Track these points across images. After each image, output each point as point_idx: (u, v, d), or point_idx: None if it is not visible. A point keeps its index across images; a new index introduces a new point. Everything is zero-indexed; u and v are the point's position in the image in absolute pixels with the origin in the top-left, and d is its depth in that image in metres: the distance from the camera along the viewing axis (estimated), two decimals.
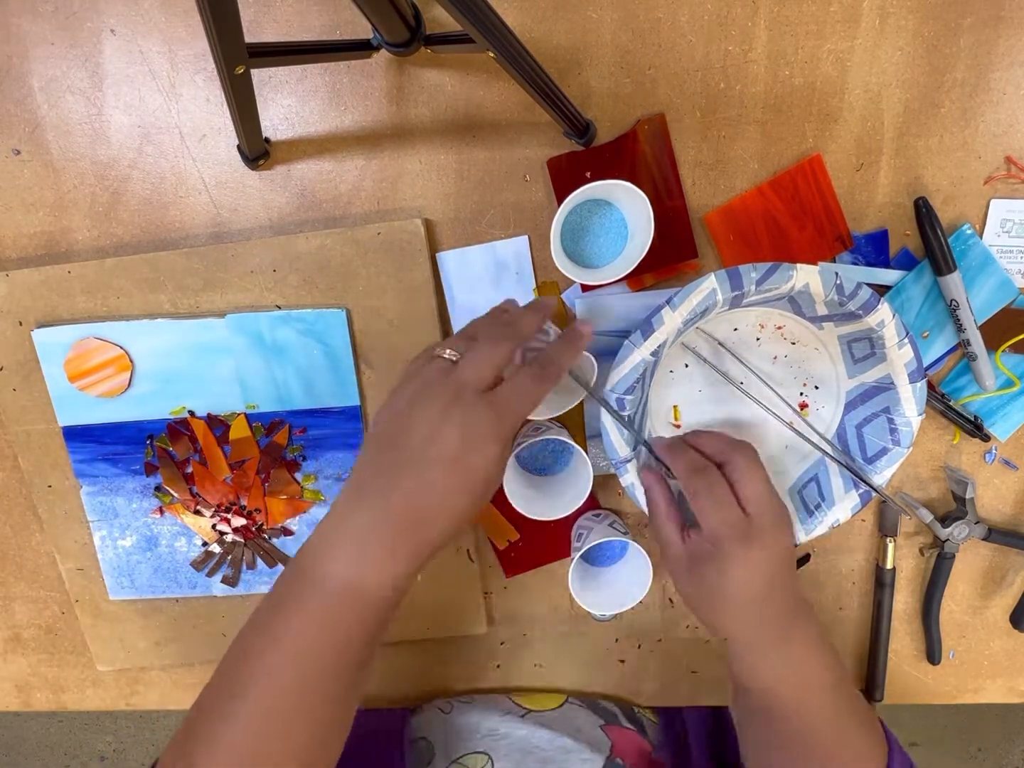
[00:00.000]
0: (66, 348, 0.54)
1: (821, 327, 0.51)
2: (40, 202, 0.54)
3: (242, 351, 0.54)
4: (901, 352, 0.47)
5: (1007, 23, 0.50)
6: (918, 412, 0.49)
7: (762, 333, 0.53)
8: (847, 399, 0.53)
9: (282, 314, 0.54)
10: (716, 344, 0.53)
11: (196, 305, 0.54)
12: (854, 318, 0.47)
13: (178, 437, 0.57)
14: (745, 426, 0.55)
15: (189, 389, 0.55)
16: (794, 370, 0.54)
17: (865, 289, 0.45)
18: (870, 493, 0.51)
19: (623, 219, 0.52)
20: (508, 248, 0.54)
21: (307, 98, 0.52)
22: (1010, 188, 0.53)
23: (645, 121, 0.51)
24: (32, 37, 0.51)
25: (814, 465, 0.54)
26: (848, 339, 0.50)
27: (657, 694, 0.66)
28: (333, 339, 0.54)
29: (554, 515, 0.53)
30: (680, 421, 0.55)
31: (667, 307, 0.45)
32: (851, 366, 0.52)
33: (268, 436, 0.57)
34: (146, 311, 0.54)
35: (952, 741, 1.65)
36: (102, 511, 0.59)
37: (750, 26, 0.50)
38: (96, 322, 0.54)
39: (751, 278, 0.44)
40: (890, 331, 0.47)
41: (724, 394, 0.54)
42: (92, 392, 0.55)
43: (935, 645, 0.63)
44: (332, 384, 0.55)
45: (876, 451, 0.51)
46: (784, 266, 0.44)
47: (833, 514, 0.52)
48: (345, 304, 0.54)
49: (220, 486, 0.58)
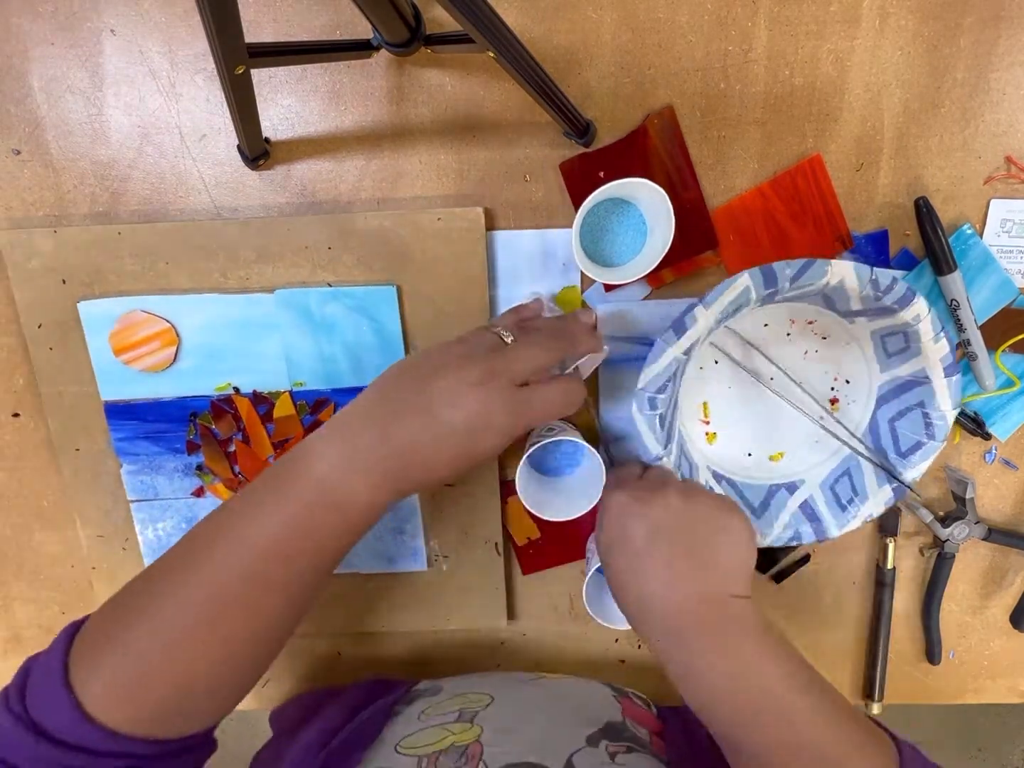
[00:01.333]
0: (112, 320, 0.54)
1: (853, 322, 0.51)
2: (40, 202, 0.54)
3: (289, 327, 0.54)
4: (937, 346, 0.47)
5: (1007, 23, 0.50)
6: (953, 406, 0.49)
7: (793, 328, 0.53)
8: (879, 393, 0.53)
9: (331, 290, 0.53)
10: (745, 342, 0.52)
11: (247, 277, 0.53)
12: (889, 313, 0.47)
13: (222, 415, 0.56)
14: (775, 422, 0.55)
15: (235, 365, 0.55)
16: (825, 365, 0.54)
17: (901, 283, 0.45)
18: (903, 488, 0.51)
19: (641, 216, 0.52)
20: (558, 237, 0.54)
21: (307, 98, 0.52)
22: (1010, 188, 0.53)
23: (655, 116, 0.51)
24: (32, 37, 0.51)
25: (845, 460, 0.54)
26: (882, 333, 0.50)
27: (657, 694, 0.66)
28: (383, 315, 0.53)
29: (566, 516, 0.53)
30: (709, 418, 0.55)
31: (700, 305, 0.45)
32: (884, 360, 0.52)
33: (313, 415, 0.56)
34: (194, 280, 0.53)
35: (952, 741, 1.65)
36: (142, 490, 0.58)
37: (750, 26, 0.50)
38: (143, 295, 0.53)
39: (785, 275, 0.44)
40: (926, 325, 0.46)
41: (754, 391, 0.54)
42: (137, 366, 0.54)
43: (935, 645, 0.63)
44: (380, 361, 0.55)
45: (910, 445, 0.51)
46: (819, 262, 0.44)
47: (867, 508, 0.52)
48: (400, 294, 0.53)
49: (263, 465, 0.57)
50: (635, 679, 0.65)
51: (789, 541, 0.53)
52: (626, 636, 0.64)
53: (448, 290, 0.53)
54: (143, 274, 0.53)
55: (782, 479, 0.55)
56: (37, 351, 0.55)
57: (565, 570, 0.62)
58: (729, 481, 0.55)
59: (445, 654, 0.65)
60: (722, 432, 0.56)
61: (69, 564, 0.62)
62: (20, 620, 0.64)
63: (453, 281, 0.53)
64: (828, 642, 0.65)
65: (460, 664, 0.65)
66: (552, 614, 0.63)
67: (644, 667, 0.65)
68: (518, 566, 0.62)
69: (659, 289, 0.55)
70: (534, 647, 0.64)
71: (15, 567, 0.63)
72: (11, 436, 0.59)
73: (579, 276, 0.55)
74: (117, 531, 0.60)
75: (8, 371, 0.57)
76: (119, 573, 0.61)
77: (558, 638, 0.64)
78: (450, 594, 0.61)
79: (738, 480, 0.55)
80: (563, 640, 0.64)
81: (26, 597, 0.64)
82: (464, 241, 0.52)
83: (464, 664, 0.65)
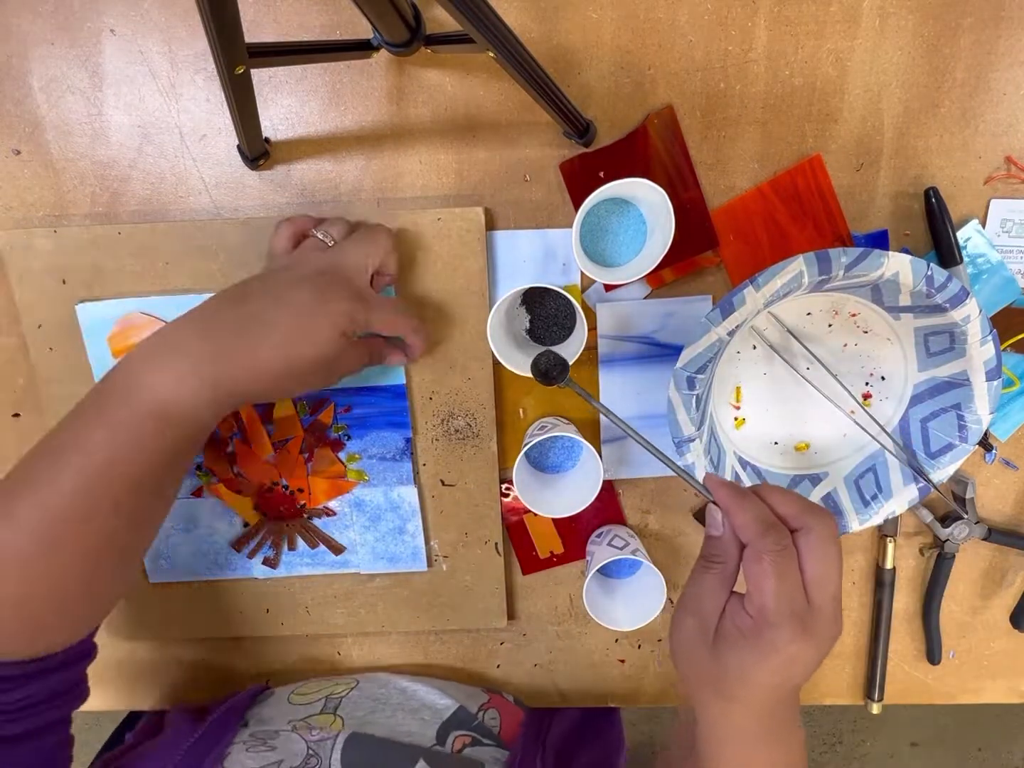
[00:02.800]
0: (111, 323, 0.53)
1: (898, 317, 0.51)
2: (40, 202, 0.54)
3: None
4: (983, 349, 0.47)
5: (1007, 23, 0.50)
6: (991, 410, 0.49)
7: (835, 320, 0.53)
8: (914, 392, 0.53)
9: None
10: (784, 330, 0.52)
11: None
12: (939, 311, 0.46)
13: None
14: (805, 412, 0.55)
15: None
16: (862, 359, 0.54)
17: (955, 282, 0.45)
18: (928, 488, 0.51)
19: (641, 216, 0.52)
20: (558, 237, 0.54)
21: (307, 98, 0.52)
22: (1010, 188, 0.53)
23: (654, 115, 0.51)
24: (32, 37, 0.51)
25: (872, 456, 0.54)
26: (926, 332, 0.50)
27: (657, 694, 0.66)
28: None
29: (565, 512, 0.53)
30: (740, 403, 0.56)
31: (750, 286, 0.44)
32: (924, 359, 0.51)
33: (312, 415, 0.56)
34: (194, 280, 0.53)
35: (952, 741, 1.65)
36: None
37: (750, 26, 0.50)
38: (142, 296, 0.53)
39: (840, 263, 0.43)
40: (974, 327, 0.46)
41: (787, 378, 0.54)
42: None
43: (935, 645, 0.63)
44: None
45: (941, 447, 0.51)
46: (876, 252, 0.43)
47: (889, 506, 0.52)
48: (396, 288, 0.53)
49: (263, 465, 0.57)
50: (635, 679, 0.65)
51: None
52: (626, 636, 0.64)
53: (448, 290, 0.53)
54: (143, 274, 0.53)
55: (806, 470, 0.55)
56: (37, 351, 0.55)
57: (565, 570, 0.62)
58: (754, 468, 0.55)
59: (445, 654, 0.65)
60: (751, 418, 0.56)
61: None
62: None
63: (453, 281, 0.53)
64: None
65: (460, 664, 0.65)
66: (552, 614, 0.63)
67: (644, 667, 0.65)
68: (518, 566, 0.62)
69: (659, 289, 0.55)
70: (534, 647, 0.64)
71: None
72: (11, 436, 0.59)
73: (579, 276, 0.55)
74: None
75: (8, 371, 0.57)
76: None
77: (558, 638, 0.64)
78: (450, 594, 0.61)
79: (763, 467, 0.55)
80: (563, 640, 0.64)
81: None
82: (464, 241, 0.52)
83: (464, 664, 0.65)
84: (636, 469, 0.59)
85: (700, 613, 0.37)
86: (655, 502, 0.60)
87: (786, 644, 0.34)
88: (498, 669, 0.65)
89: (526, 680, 0.65)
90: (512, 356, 0.52)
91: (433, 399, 0.56)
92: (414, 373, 0.55)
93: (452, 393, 0.56)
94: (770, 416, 0.56)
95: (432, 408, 0.56)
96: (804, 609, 0.34)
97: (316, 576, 0.60)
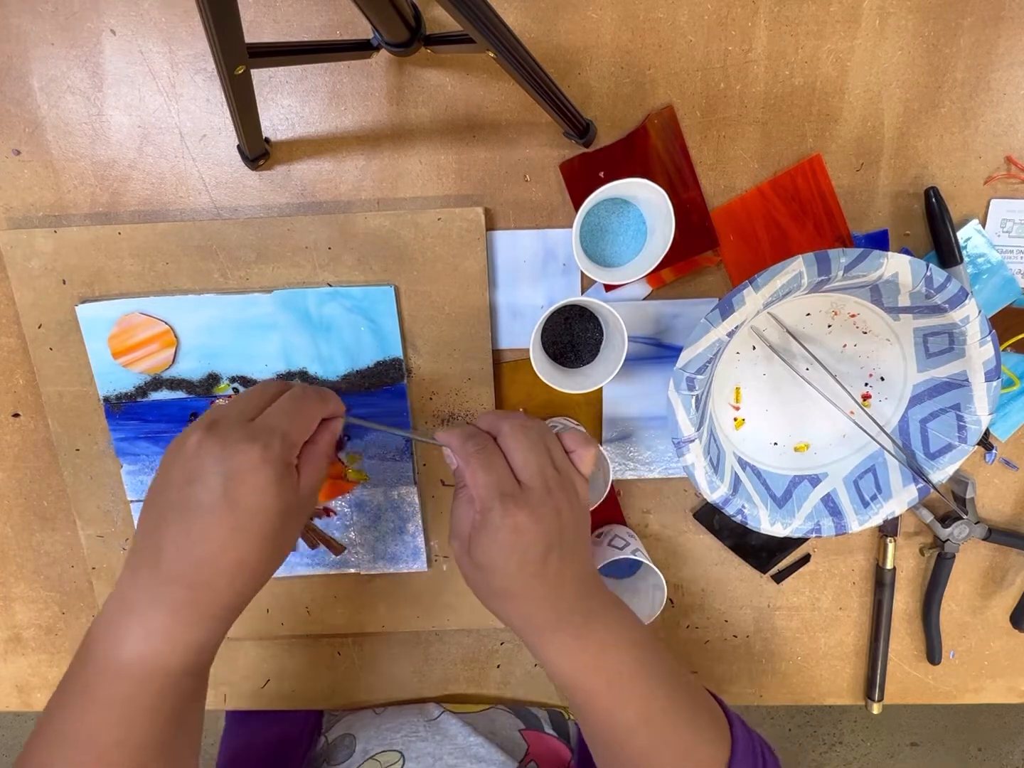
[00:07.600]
0: (110, 323, 0.53)
1: (898, 318, 0.51)
2: (40, 202, 0.54)
3: (288, 327, 0.54)
4: (982, 349, 0.47)
5: (1007, 23, 0.50)
6: (990, 411, 0.49)
7: (835, 320, 0.53)
8: (913, 393, 0.53)
9: (329, 290, 0.53)
10: (784, 330, 0.52)
11: (246, 278, 0.53)
12: (938, 311, 0.46)
13: None
14: (804, 413, 0.55)
15: (234, 366, 0.55)
16: (861, 360, 0.54)
17: (954, 283, 0.45)
18: (928, 488, 0.51)
19: (641, 216, 0.52)
20: (559, 238, 0.54)
21: (307, 98, 0.52)
22: (1010, 188, 0.53)
23: (654, 115, 0.51)
24: (32, 37, 0.51)
25: (871, 456, 0.54)
26: (925, 332, 0.50)
27: None
28: (380, 316, 0.53)
29: None
30: (740, 403, 0.56)
31: (749, 287, 0.44)
32: (923, 360, 0.51)
33: None
34: (194, 280, 0.53)
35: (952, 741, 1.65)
36: (142, 490, 0.58)
37: (750, 26, 0.50)
38: (141, 296, 0.53)
39: (840, 263, 0.43)
40: (973, 327, 0.46)
41: (787, 379, 0.55)
42: (136, 368, 0.54)
43: (935, 645, 0.63)
44: (379, 361, 0.55)
45: (940, 447, 0.51)
46: (875, 253, 0.44)
47: (889, 506, 0.52)
48: (397, 287, 0.53)
49: None
50: None
51: (808, 533, 0.53)
52: None
53: (448, 290, 0.53)
54: (143, 274, 0.53)
55: (806, 470, 0.55)
56: (37, 351, 0.55)
57: None
58: (753, 468, 0.55)
59: (445, 654, 0.65)
60: (750, 418, 0.56)
61: (69, 564, 0.62)
62: (20, 620, 0.64)
63: (453, 281, 0.53)
64: (828, 642, 0.65)
65: (460, 664, 0.65)
66: None
67: None
68: None
69: (659, 289, 0.55)
70: None
71: (15, 567, 0.63)
72: (11, 436, 0.59)
73: (579, 276, 0.55)
74: (117, 531, 0.60)
75: (8, 371, 0.57)
76: (119, 573, 0.60)
77: None
78: (450, 594, 0.61)
79: (762, 468, 0.55)
80: None
81: (26, 597, 0.64)
82: (464, 241, 0.52)
83: (464, 664, 0.65)
84: (636, 469, 0.59)
85: (460, 535, 0.40)
86: (655, 502, 0.60)
87: (502, 519, 0.37)
88: (498, 669, 0.65)
89: (526, 680, 0.65)
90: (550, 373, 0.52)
91: (433, 399, 0.56)
92: (414, 373, 0.55)
93: (452, 393, 0.56)
94: (770, 417, 0.56)
95: (432, 408, 0.56)
96: (514, 489, 0.38)
97: (316, 576, 0.61)
